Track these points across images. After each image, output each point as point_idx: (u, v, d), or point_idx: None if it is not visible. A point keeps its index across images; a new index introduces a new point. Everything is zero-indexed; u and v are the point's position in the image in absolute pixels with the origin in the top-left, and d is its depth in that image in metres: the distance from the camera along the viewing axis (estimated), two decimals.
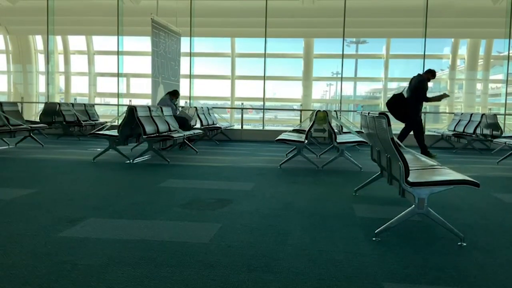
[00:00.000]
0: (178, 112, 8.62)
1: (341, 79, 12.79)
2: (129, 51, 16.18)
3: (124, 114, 6.51)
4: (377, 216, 3.44)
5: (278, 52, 17.13)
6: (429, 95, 7.70)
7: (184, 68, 12.22)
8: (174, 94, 8.57)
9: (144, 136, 6.29)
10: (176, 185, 4.74)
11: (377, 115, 3.08)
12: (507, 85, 12.33)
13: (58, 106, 10.31)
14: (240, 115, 12.16)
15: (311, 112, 9.31)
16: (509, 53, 11.50)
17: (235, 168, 6.14)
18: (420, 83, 7.50)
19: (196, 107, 10.04)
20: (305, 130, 6.72)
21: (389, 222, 2.90)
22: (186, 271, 2.25)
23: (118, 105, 12.61)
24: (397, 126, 7.41)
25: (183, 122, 8.07)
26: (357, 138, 6.31)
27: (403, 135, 7.66)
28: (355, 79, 17.43)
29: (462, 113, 10.57)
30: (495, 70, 16.64)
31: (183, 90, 12.31)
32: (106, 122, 8.61)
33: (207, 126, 9.94)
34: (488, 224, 3.34)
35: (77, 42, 17.88)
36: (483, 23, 14.33)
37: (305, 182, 5.04)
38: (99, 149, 7.07)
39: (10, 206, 3.57)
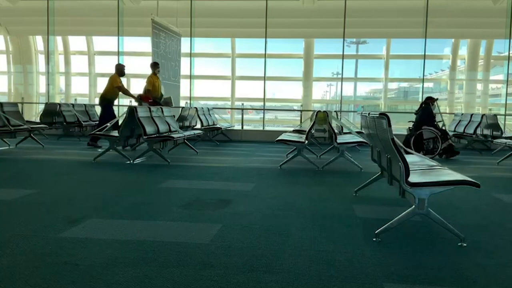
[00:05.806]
0: None
1: (342, 79, 12.80)
2: (130, 51, 16.18)
3: (125, 115, 6.52)
4: (377, 217, 3.44)
5: (279, 52, 17.14)
6: None
7: (184, 69, 12.23)
8: None
9: (144, 137, 6.29)
10: (176, 185, 4.74)
11: (377, 115, 3.08)
12: (507, 86, 12.33)
13: (58, 106, 10.31)
14: (240, 116, 12.16)
15: (311, 112, 9.32)
16: (509, 54, 11.50)
17: (236, 168, 6.14)
18: None
19: (196, 108, 10.05)
20: (305, 131, 6.72)
21: (390, 222, 2.90)
22: (187, 271, 2.25)
23: (118, 105, 12.60)
24: (397, 126, 7.41)
25: None
26: (358, 139, 6.31)
27: None
28: (355, 79, 17.45)
29: (462, 114, 10.57)
30: (495, 70, 16.64)
31: (184, 91, 12.32)
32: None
33: (208, 127, 9.95)
34: (489, 225, 3.34)
35: (77, 42, 17.91)
36: (484, 23, 14.33)
37: (305, 183, 5.04)
38: (99, 150, 7.07)
39: (10, 206, 3.57)
